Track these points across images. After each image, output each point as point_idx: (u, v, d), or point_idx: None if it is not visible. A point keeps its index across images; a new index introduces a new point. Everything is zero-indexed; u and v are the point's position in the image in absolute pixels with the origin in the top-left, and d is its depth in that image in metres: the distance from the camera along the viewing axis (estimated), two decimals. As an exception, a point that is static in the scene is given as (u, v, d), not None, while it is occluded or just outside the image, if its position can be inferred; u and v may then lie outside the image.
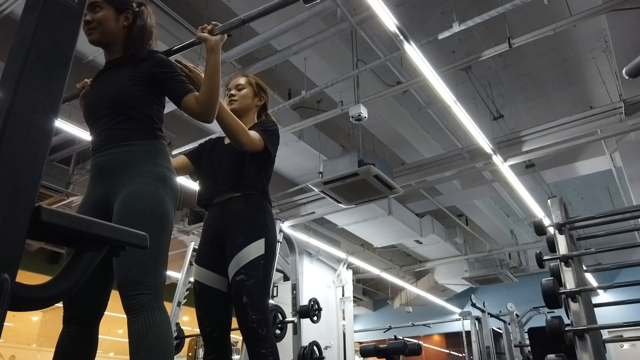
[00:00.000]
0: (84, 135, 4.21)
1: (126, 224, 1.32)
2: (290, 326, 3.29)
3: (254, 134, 1.81)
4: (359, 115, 4.10)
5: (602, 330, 2.40)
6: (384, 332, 9.86)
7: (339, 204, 5.23)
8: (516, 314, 7.35)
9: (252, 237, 1.77)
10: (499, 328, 7.35)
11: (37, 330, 9.35)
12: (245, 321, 1.68)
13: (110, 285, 1.48)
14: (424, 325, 10.39)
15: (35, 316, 9.08)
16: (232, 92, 2.06)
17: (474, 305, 6.81)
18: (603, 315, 2.90)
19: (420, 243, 8.54)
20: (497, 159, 5.29)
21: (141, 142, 1.50)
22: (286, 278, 3.63)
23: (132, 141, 1.49)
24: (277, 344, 1.76)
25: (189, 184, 5.52)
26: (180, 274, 4.39)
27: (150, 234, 1.32)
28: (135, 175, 1.43)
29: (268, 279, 1.79)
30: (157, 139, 1.55)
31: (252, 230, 1.79)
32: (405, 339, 4.84)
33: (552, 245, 2.68)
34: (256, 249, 1.75)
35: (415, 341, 4.92)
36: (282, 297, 4.23)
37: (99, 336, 1.45)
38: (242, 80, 2.08)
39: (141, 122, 1.52)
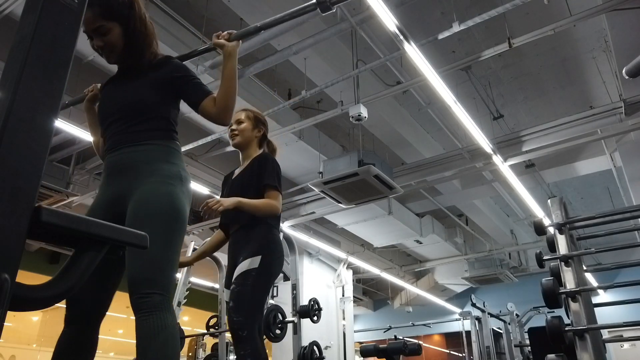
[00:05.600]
0: (84, 135, 4.20)
1: (141, 223, 1.33)
2: (290, 326, 3.28)
3: (269, 202, 2.04)
4: (359, 115, 4.10)
5: (602, 330, 2.40)
6: (384, 332, 9.86)
7: (339, 204, 5.22)
8: (516, 314, 7.35)
9: (249, 255, 2.00)
10: (499, 328, 7.34)
11: (37, 330, 9.35)
12: (230, 323, 1.91)
13: (114, 287, 1.48)
14: (424, 325, 10.39)
15: (35, 316, 9.07)
16: (233, 126, 2.26)
17: (474, 305, 6.81)
18: (603, 315, 2.90)
19: (420, 243, 8.54)
20: (497, 159, 5.29)
21: (156, 142, 1.50)
22: (286, 278, 3.62)
23: (148, 141, 1.49)
24: (277, 344, 1.81)
25: (189, 184, 5.51)
26: (180, 274, 4.38)
27: (165, 232, 1.36)
28: (151, 174, 1.43)
29: (258, 290, 1.96)
30: (172, 139, 1.55)
31: (251, 250, 2.01)
32: (406, 339, 4.84)
33: (552, 245, 2.68)
34: (250, 263, 1.97)
35: (415, 341, 4.92)
36: (282, 297, 4.23)
37: (99, 336, 1.45)
38: (241, 115, 2.29)
39: (157, 123, 1.52)
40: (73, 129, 4.19)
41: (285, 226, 6.48)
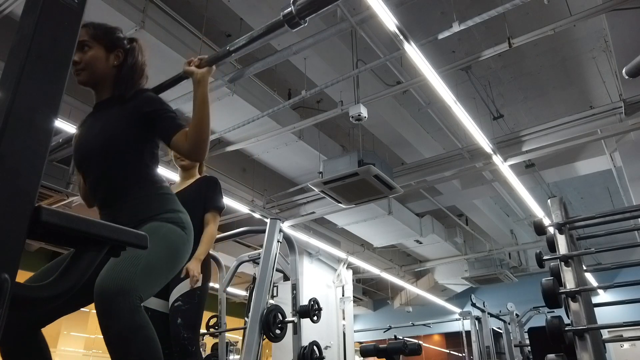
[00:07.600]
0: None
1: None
2: (290, 326, 3.28)
3: (211, 235, 2.32)
4: (359, 115, 4.10)
5: (602, 330, 2.40)
6: (384, 332, 9.85)
7: (339, 204, 5.22)
8: (516, 314, 7.35)
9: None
10: (499, 328, 7.34)
11: (37, 330, 9.34)
12: (177, 339, 2.08)
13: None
14: (424, 325, 10.38)
15: (35, 316, 9.06)
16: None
17: (474, 305, 6.81)
18: (603, 315, 2.89)
19: (420, 243, 8.54)
20: (497, 159, 5.29)
21: (144, 192, 1.45)
22: (286, 278, 3.62)
23: (136, 193, 1.44)
24: (277, 344, 1.85)
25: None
26: (180, 274, 4.38)
27: (152, 247, 1.28)
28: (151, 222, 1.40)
29: (202, 308, 2.23)
30: (156, 182, 1.49)
31: None
32: (405, 338, 4.83)
33: (552, 245, 2.68)
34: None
35: (415, 341, 4.91)
36: (282, 297, 4.22)
37: (99, 336, 1.43)
38: None
39: (136, 167, 1.46)
40: (73, 129, 4.19)
41: (285, 226, 6.47)
